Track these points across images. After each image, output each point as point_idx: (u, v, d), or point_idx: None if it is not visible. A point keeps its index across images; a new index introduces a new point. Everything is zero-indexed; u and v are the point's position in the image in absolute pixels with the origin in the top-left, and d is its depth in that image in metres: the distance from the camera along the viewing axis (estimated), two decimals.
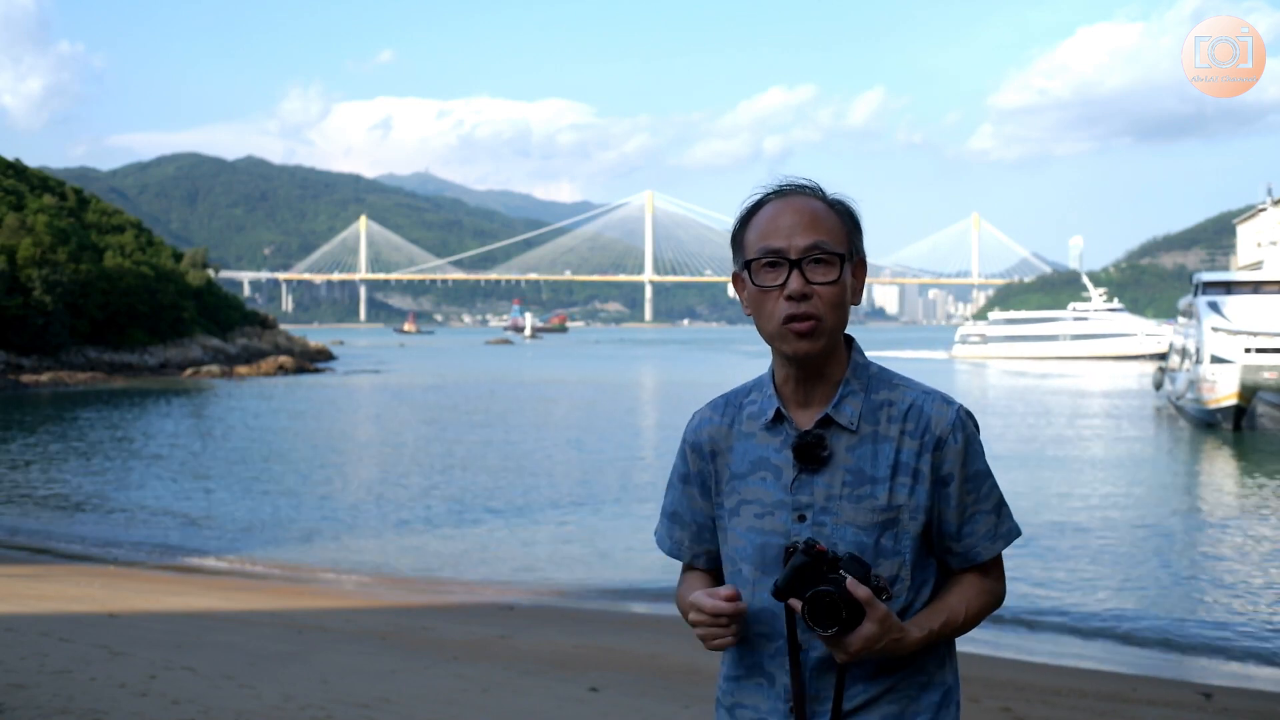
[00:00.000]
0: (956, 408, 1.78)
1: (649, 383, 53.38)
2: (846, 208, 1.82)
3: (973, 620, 1.80)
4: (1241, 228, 44.58)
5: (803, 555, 1.67)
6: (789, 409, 1.81)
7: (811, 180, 1.83)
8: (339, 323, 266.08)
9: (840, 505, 1.75)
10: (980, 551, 1.80)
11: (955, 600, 1.79)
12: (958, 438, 1.77)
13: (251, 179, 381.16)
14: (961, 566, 1.82)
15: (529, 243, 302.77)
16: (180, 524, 15.49)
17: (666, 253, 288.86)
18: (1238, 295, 30.10)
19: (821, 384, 1.79)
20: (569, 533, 14.67)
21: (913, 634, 1.72)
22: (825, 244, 1.74)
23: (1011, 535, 1.83)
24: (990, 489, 1.81)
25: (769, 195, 1.81)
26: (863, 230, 1.83)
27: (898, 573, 1.75)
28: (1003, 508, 1.82)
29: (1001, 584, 1.86)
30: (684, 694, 6.51)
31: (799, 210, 1.77)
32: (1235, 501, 17.50)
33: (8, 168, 65.99)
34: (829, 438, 1.77)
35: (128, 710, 5.48)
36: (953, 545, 1.80)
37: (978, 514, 1.79)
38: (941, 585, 1.83)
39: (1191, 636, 9.49)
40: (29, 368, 48.57)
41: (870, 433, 1.77)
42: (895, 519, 1.74)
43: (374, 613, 9.77)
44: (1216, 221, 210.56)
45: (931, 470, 1.76)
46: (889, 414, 1.78)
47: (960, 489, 1.77)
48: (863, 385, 1.80)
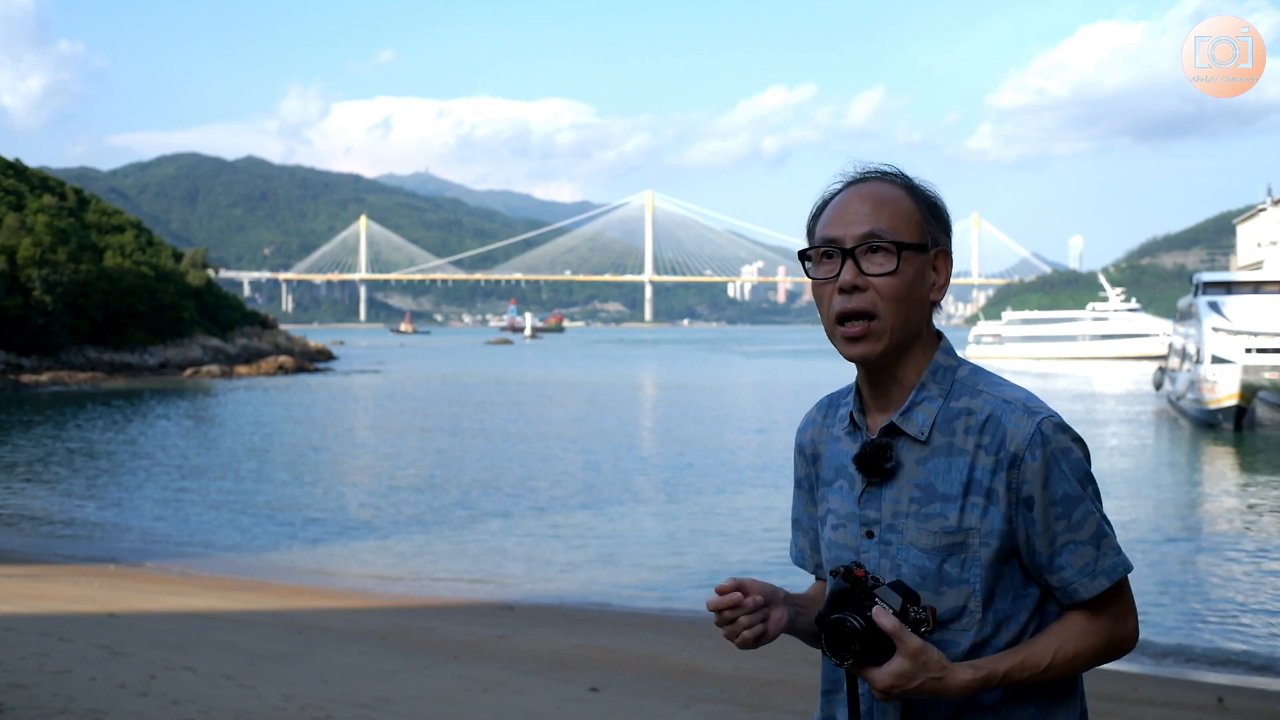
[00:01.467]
0: (1039, 420, 1.57)
1: (649, 383, 53.37)
2: (926, 194, 1.67)
3: (1068, 665, 1.57)
4: (1241, 228, 44.60)
5: (842, 580, 1.55)
6: (867, 413, 1.68)
7: (893, 165, 1.70)
8: (339, 323, 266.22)
9: (906, 524, 1.59)
10: (1078, 588, 1.58)
11: (1045, 641, 1.58)
12: (1035, 454, 1.55)
13: (251, 179, 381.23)
14: (1066, 603, 1.60)
15: (529, 243, 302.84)
16: (180, 524, 15.49)
17: (666, 253, 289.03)
18: (1238, 295, 30.11)
19: (896, 387, 1.64)
20: (569, 533, 14.66)
21: (961, 676, 1.52)
22: (883, 231, 1.60)
23: (1116, 571, 1.58)
24: (1085, 516, 1.57)
25: (848, 183, 1.69)
26: (948, 219, 1.69)
27: (964, 604, 1.57)
28: (1104, 538, 1.58)
29: (1121, 626, 1.61)
30: (684, 694, 6.51)
31: (865, 198, 1.64)
32: (1237, 503, 17.49)
33: (8, 168, 65.97)
34: (896, 448, 1.62)
35: (128, 710, 5.48)
36: (1049, 579, 1.59)
37: (1070, 544, 1.57)
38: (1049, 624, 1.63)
39: (1194, 638, 9.48)
40: (29, 368, 48.58)
41: (944, 445, 1.60)
42: (963, 543, 1.57)
43: (374, 613, 9.76)
44: (1216, 221, 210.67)
45: (1008, 491, 1.56)
46: (966, 424, 1.59)
47: (1045, 514, 1.56)
48: (942, 391, 1.62)
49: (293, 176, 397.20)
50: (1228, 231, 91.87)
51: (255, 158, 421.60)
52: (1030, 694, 1.59)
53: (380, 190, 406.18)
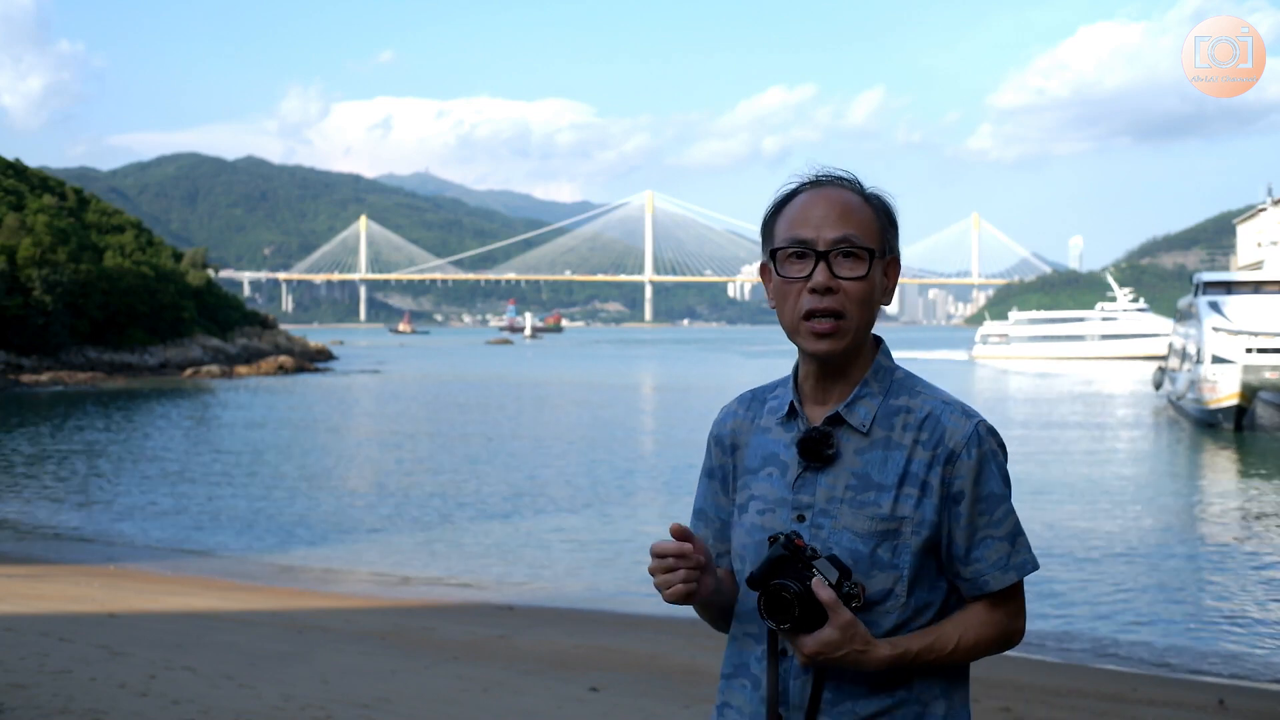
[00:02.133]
0: (976, 422, 1.69)
1: (649, 383, 53.37)
2: (883, 203, 1.76)
3: (968, 652, 1.70)
4: (1241, 228, 44.60)
5: (781, 548, 1.62)
6: (805, 405, 1.77)
7: (849, 172, 1.77)
8: (339, 323, 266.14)
9: (840, 509, 1.68)
10: (989, 580, 1.70)
11: (950, 627, 1.70)
12: (972, 453, 1.67)
13: (251, 179, 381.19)
14: (972, 594, 1.72)
15: (529, 243, 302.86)
16: (180, 524, 15.49)
17: (666, 253, 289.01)
18: (1238, 295, 30.12)
19: (841, 382, 1.74)
20: (570, 533, 14.67)
21: (881, 651, 1.63)
22: (855, 237, 1.69)
23: (1025, 568, 1.71)
24: (1005, 514, 1.70)
25: (804, 185, 1.76)
26: (899, 228, 1.77)
27: (892, 587, 1.67)
28: (1018, 537, 1.71)
29: (1016, 621, 1.74)
30: (684, 694, 6.51)
31: (832, 201, 1.71)
32: (1238, 504, 17.48)
33: (8, 168, 65.97)
34: (837, 437, 1.71)
35: (128, 710, 5.48)
36: (961, 570, 1.70)
37: (989, 539, 1.69)
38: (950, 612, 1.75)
39: (1195, 639, 9.47)
40: (29, 368, 48.59)
41: (882, 438, 1.70)
42: (896, 530, 1.66)
43: (374, 613, 9.77)
44: (1216, 221, 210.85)
45: (942, 485, 1.67)
46: (905, 421, 1.70)
47: (971, 509, 1.68)
48: (882, 388, 1.73)
49: (293, 176, 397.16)
50: (1228, 231, 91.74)
51: (255, 158, 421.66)
52: (935, 674, 1.70)
53: (380, 190, 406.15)
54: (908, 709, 1.69)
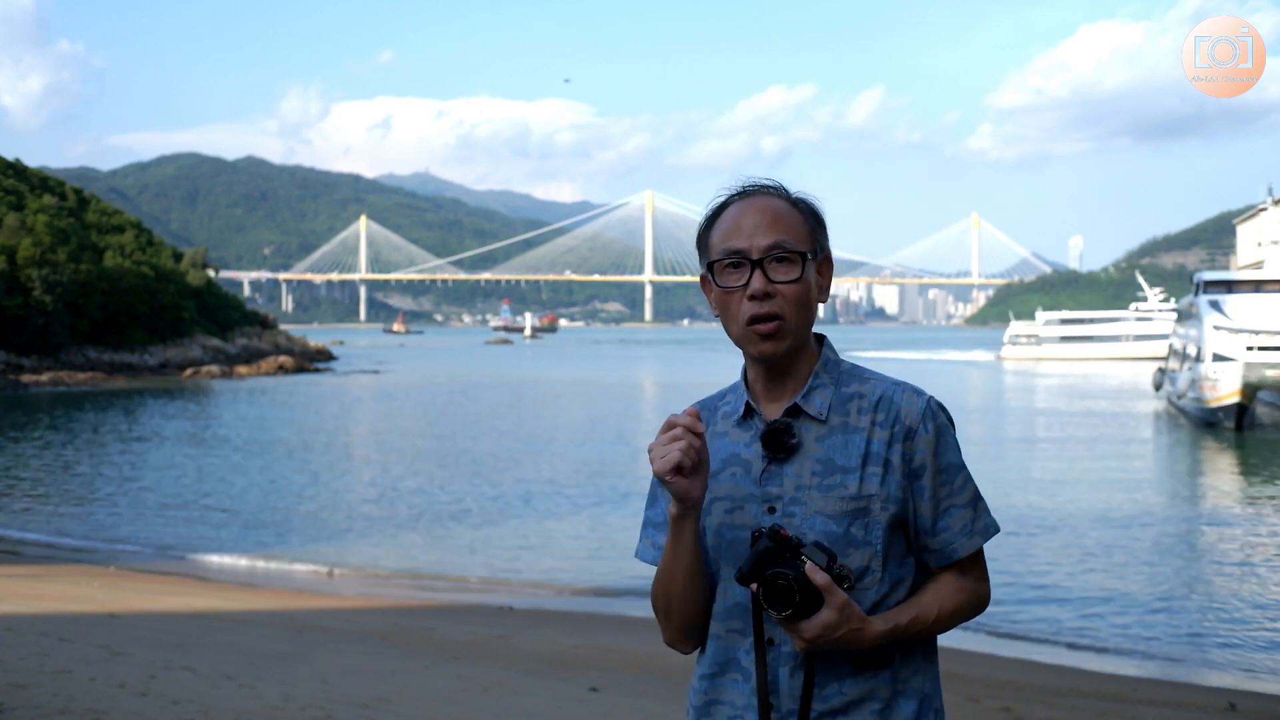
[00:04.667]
0: (927, 398, 1.78)
1: (649, 383, 53.37)
2: (809, 205, 1.83)
3: (948, 620, 1.77)
4: (1241, 227, 44.64)
5: (767, 540, 1.66)
6: (759, 404, 1.82)
7: (774, 180, 1.83)
8: (339, 323, 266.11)
9: (809, 495, 1.73)
10: (957, 548, 1.77)
11: (929, 598, 1.76)
12: (928, 428, 1.75)
13: (251, 179, 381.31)
14: (940, 565, 1.78)
15: (529, 243, 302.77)
16: (180, 524, 15.49)
17: (666, 253, 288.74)
18: (1239, 294, 30.15)
19: (791, 379, 1.80)
20: (570, 533, 14.68)
21: (875, 627, 1.69)
22: (787, 243, 1.76)
23: (989, 531, 1.80)
24: (965, 482, 1.78)
25: (732, 197, 1.83)
26: (827, 227, 1.84)
27: (868, 564, 1.73)
28: (979, 502, 1.79)
29: (983, 585, 1.82)
30: (684, 694, 6.50)
31: (761, 210, 1.78)
32: (1239, 505, 17.48)
33: (8, 168, 65.99)
34: (797, 427, 1.77)
35: (128, 710, 5.48)
36: (929, 541, 1.77)
37: (953, 508, 1.77)
38: (921, 586, 1.80)
39: (1205, 642, 9.45)
40: (29, 368, 48.59)
41: (840, 424, 1.77)
42: (865, 508, 1.72)
43: (374, 613, 9.77)
44: (1216, 221, 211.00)
45: (903, 461, 1.74)
46: (859, 405, 1.78)
47: (933, 481, 1.75)
48: (833, 379, 1.80)
49: (293, 176, 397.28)
50: (1228, 231, 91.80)
51: (255, 158, 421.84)
52: (912, 651, 1.77)
53: (380, 190, 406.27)
54: (891, 687, 1.74)
